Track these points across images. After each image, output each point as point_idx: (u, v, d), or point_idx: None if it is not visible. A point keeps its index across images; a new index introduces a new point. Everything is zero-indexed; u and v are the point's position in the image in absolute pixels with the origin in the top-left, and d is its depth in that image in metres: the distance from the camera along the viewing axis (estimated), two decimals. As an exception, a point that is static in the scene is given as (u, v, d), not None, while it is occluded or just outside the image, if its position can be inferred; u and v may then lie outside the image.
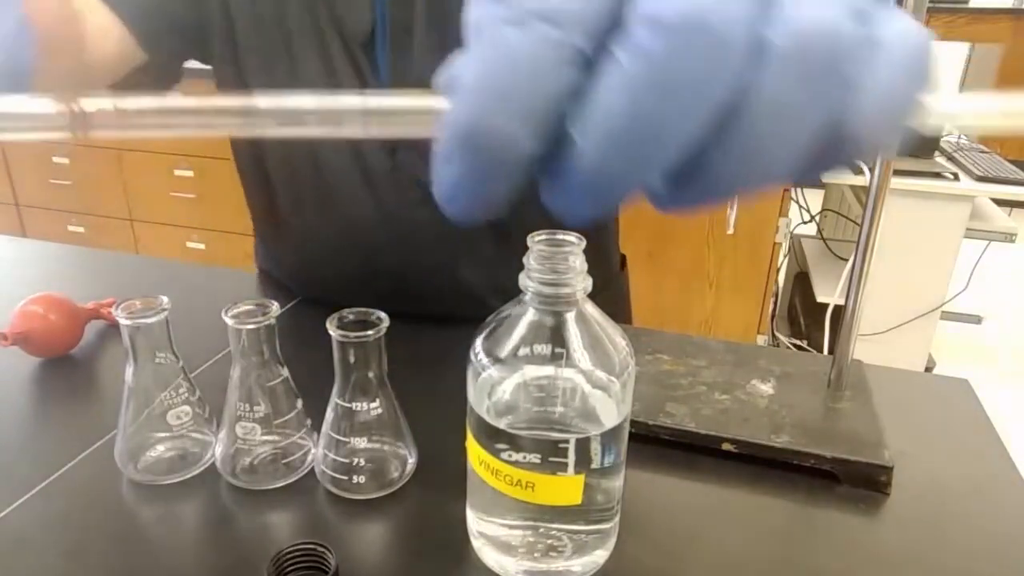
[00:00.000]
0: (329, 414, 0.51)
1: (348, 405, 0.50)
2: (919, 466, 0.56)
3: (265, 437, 0.52)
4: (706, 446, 0.56)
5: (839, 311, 0.64)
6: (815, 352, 2.05)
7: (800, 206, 2.31)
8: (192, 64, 0.69)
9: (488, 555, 0.45)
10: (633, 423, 0.54)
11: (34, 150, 2.81)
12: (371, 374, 0.49)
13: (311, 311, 0.73)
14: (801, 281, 2.39)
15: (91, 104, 0.19)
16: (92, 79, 0.56)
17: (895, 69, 0.19)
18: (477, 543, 0.46)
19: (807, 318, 2.24)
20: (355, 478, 0.50)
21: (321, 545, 0.43)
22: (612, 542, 0.46)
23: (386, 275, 0.73)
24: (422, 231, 0.70)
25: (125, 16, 0.59)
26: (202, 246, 2.73)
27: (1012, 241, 1.95)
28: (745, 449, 0.55)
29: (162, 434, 0.53)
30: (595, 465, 0.41)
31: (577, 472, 0.40)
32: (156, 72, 0.66)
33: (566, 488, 0.40)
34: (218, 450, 0.53)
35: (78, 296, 0.72)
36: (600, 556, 0.45)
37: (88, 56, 0.54)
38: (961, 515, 0.52)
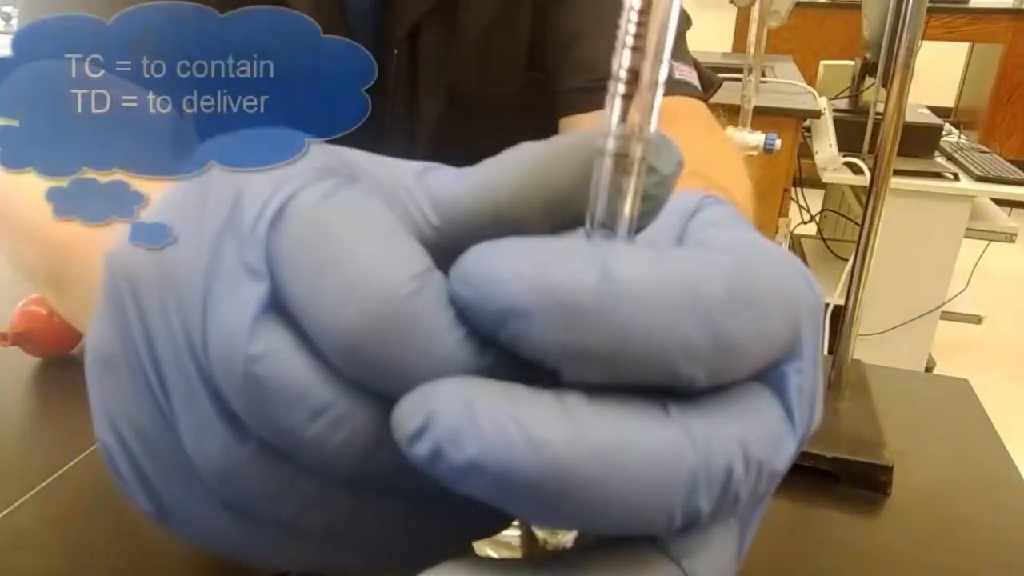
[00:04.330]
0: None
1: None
2: (919, 466, 0.56)
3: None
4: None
5: (839, 311, 0.64)
6: (815, 352, 2.04)
7: (800, 206, 2.31)
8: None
9: (488, 553, 0.45)
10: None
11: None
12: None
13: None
14: (801, 281, 2.37)
15: None
16: None
17: None
18: (477, 542, 0.46)
19: (807, 318, 2.23)
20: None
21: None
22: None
23: None
24: None
25: None
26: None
27: (1012, 241, 1.95)
28: (745, 449, 0.55)
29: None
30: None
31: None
32: None
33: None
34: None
35: (78, 296, 0.72)
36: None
37: None
38: (961, 515, 0.52)
